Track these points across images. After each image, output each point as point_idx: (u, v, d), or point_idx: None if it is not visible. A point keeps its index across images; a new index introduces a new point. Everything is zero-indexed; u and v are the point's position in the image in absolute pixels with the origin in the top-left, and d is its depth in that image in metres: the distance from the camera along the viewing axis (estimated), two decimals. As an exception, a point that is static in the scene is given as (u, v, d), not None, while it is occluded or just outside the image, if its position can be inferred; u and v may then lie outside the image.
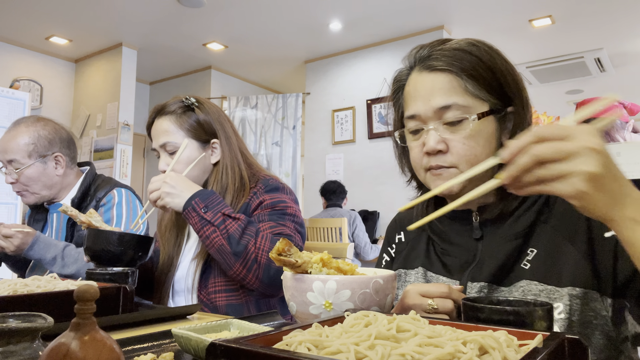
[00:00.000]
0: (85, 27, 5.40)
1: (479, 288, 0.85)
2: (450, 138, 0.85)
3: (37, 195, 1.76)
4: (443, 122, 0.85)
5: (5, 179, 1.75)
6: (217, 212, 1.25)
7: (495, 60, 0.86)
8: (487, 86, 0.85)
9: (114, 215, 1.72)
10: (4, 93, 3.76)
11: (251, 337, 0.47)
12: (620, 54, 5.66)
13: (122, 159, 5.68)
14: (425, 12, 4.93)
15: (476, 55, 0.86)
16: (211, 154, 1.43)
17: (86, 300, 0.42)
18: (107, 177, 1.87)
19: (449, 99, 0.84)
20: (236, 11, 4.97)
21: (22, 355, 0.48)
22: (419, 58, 0.91)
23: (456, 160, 0.85)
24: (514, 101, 0.87)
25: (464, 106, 0.84)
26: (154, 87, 7.27)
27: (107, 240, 1.27)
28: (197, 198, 1.26)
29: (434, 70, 0.87)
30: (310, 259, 0.77)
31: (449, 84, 0.85)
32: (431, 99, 0.86)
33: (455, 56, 0.86)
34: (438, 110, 0.85)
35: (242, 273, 1.23)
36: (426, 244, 0.99)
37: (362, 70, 5.77)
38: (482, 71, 0.85)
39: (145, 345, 0.77)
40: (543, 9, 4.74)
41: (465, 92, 0.84)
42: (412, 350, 0.42)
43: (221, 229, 1.22)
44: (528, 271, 0.82)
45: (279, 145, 6.09)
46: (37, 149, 1.74)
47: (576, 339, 0.48)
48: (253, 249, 1.22)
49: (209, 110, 1.45)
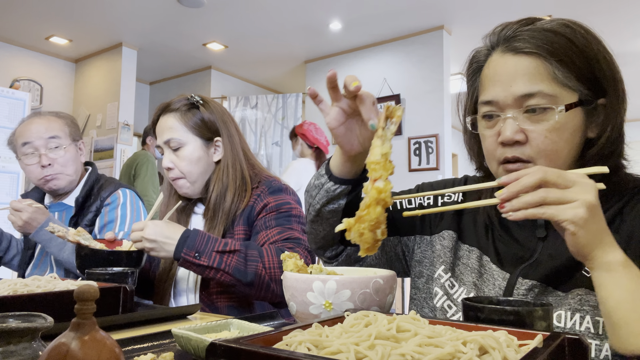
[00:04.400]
0: (85, 27, 5.40)
1: (530, 286, 0.80)
2: (531, 129, 0.77)
3: (69, 178, 1.76)
4: (524, 111, 0.77)
5: (42, 161, 1.69)
6: (211, 252, 1.20)
7: (592, 45, 0.78)
8: (578, 74, 0.77)
9: (118, 216, 1.73)
10: (4, 93, 3.76)
11: (251, 337, 0.47)
12: (620, 54, 5.59)
13: (122, 159, 5.68)
14: (425, 12, 4.93)
15: (569, 38, 0.77)
16: (214, 152, 1.44)
17: (86, 300, 0.42)
18: (110, 177, 1.88)
19: (534, 86, 0.76)
20: (236, 11, 4.97)
21: (22, 355, 0.48)
22: (503, 38, 0.82)
23: (535, 153, 0.77)
24: (607, 93, 0.78)
25: (550, 95, 0.76)
26: (154, 87, 7.27)
27: (96, 258, 1.28)
28: (185, 248, 1.19)
29: (519, 52, 0.78)
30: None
31: (535, 70, 0.77)
32: (513, 84, 0.77)
33: (545, 38, 0.77)
34: (519, 97, 0.77)
35: (260, 295, 1.24)
36: (484, 224, 0.91)
37: (362, 70, 5.77)
38: (574, 57, 0.76)
39: (145, 345, 0.77)
40: (543, 9, 4.74)
41: (553, 80, 0.76)
42: (412, 350, 0.42)
43: (222, 267, 1.19)
44: (589, 279, 0.75)
45: (279, 145, 6.09)
46: (72, 133, 1.79)
47: (576, 339, 0.48)
48: (264, 272, 1.21)
49: (213, 109, 1.46)
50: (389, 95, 5.46)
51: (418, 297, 0.97)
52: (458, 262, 0.91)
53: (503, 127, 0.78)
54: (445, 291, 0.90)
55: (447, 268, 0.91)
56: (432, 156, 5.15)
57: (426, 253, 0.97)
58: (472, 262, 0.89)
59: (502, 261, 0.86)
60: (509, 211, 0.64)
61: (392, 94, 5.44)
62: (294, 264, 0.82)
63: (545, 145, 0.76)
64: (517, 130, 0.77)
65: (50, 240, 1.58)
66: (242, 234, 1.36)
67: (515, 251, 0.85)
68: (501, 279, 0.84)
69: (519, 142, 0.77)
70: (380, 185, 0.68)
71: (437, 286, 0.91)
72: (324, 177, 0.90)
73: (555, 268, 0.79)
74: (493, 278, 0.85)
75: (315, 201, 0.91)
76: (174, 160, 1.39)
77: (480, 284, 0.86)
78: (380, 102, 5.46)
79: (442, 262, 0.92)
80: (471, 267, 0.89)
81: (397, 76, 5.49)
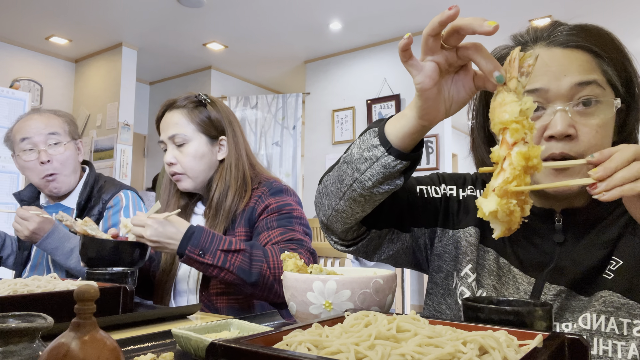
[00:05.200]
0: (85, 27, 5.40)
1: (558, 292, 0.78)
2: (582, 122, 0.73)
3: (68, 178, 1.73)
4: (575, 103, 0.73)
5: (41, 157, 1.66)
6: (215, 251, 1.18)
7: (625, 51, 0.77)
8: (620, 73, 0.76)
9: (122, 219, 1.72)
10: (4, 93, 3.76)
11: (251, 337, 0.47)
12: (620, 54, 5.66)
13: (122, 159, 5.68)
14: (425, 12, 4.93)
15: (613, 37, 0.76)
16: (218, 151, 1.45)
17: (86, 300, 0.42)
18: (109, 178, 1.86)
19: (589, 76, 0.73)
20: (236, 11, 4.97)
21: (22, 355, 0.48)
22: (542, 35, 0.78)
23: (585, 149, 0.73)
24: (630, 98, 0.78)
25: (603, 88, 0.73)
26: (154, 87, 7.27)
27: (102, 248, 1.27)
28: (190, 245, 1.17)
29: (568, 46, 0.75)
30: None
31: (587, 63, 0.74)
32: (567, 73, 0.73)
33: (592, 33, 0.75)
34: (574, 86, 0.73)
35: (263, 295, 1.23)
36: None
37: (362, 70, 5.77)
38: (618, 56, 0.76)
39: (145, 345, 0.77)
40: (543, 9, 4.74)
41: (603, 74, 0.74)
42: (412, 350, 0.42)
43: (227, 266, 1.18)
44: (610, 281, 0.76)
45: (279, 145, 6.09)
46: (71, 131, 1.77)
47: (576, 339, 0.48)
48: (268, 272, 1.20)
49: (220, 108, 1.47)
50: (389, 95, 5.46)
51: (435, 293, 0.93)
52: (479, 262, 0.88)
53: (554, 120, 0.73)
54: (472, 292, 0.85)
55: (474, 268, 0.86)
56: (432, 156, 5.15)
57: (447, 247, 0.91)
58: (489, 263, 0.86)
59: (524, 265, 0.83)
60: (602, 191, 0.58)
61: (392, 94, 5.44)
62: (294, 264, 0.82)
63: (596, 141, 0.73)
64: (570, 124, 0.73)
65: (57, 249, 1.55)
66: (244, 236, 1.36)
67: (534, 256, 0.83)
68: (526, 284, 0.81)
69: (569, 137, 0.73)
70: (524, 150, 0.58)
71: (463, 285, 0.86)
72: (379, 148, 0.72)
73: (580, 273, 0.78)
74: (516, 282, 0.83)
75: (364, 177, 0.74)
76: (177, 156, 1.40)
77: (500, 287, 0.84)
78: (381, 102, 5.47)
79: (469, 260, 0.87)
80: (489, 268, 0.86)
81: (397, 76, 5.49)
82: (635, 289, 0.74)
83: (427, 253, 0.97)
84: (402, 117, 0.71)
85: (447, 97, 0.68)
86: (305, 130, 6.21)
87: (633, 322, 0.73)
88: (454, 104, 0.69)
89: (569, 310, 0.78)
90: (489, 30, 0.59)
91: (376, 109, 5.52)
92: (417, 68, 0.64)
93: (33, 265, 1.78)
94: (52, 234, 1.53)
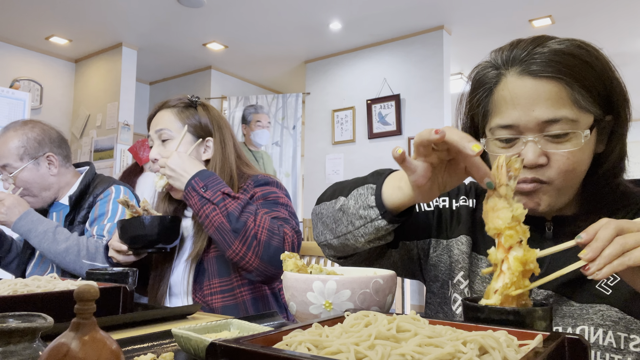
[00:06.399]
0: (85, 27, 5.40)
1: (546, 296, 0.81)
2: (553, 152, 0.77)
3: (38, 197, 1.76)
4: (545, 134, 0.76)
5: (3, 185, 1.76)
6: (217, 190, 1.26)
7: (606, 68, 0.78)
8: (596, 97, 0.77)
9: (109, 209, 1.74)
10: (4, 93, 3.76)
11: (251, 337, 0.47)
12: (620, 54, 5.65)
13: (122, 159, 5.68)
14: (425, 12, 4.93)
15: (587, 61, 0.76)
16: (204, 152, 1.45)
17: (86, 300, 0.42)
18: (106, 176, 1.89)
19: (557, 112, 0.75)
20: (236, 11, 4.97)
21: (22, 355, 0.48)
22: (518, 59, 0.79)
23: (555, 175, 0.77)
24: (615, 111, 0.80)
25: (573, 120, 0.75)
26: (154, 87, 7.27)
27: (139, 226, 1.29)
28: (197, 177, 1.28)
29: (539, 76, 0.76)
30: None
31: (557, 95, 0.75)
32: (535, 109, 0.76)
33: (565, 62, 0.76)
34: (542, 122, 0.76)
35: (241, 251, 1.22)
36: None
37: (362, 70, 5.77)
38: (593, 80, 0.76)
39: (145, 345, 0.77)
40: (543, 9, 4.74)
41: (574, 104, 0.76)
42: (412, 350, 0.42)
43: (220, 206, 1.24)
44: (610, 297, 0.77)
45: (279, 145, 6.09)
46: (27, 151, 1.73)
47: (576, 339, 0.48)
48: (252, 225, 1.23)
49: (210, 112, 1.48)
50: (389, 95, 5.46)
51: (433, 302, 0.95)
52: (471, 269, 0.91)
53: (524, 150, 0.77)
54: (465, 298, 0.87)
55: (466, 274, 0.89)
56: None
57: (442, 257, 0.95)
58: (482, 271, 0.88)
59: None
60: (594, 272, 0.60)
61: (392, 94, 5.44)
62: (294, 264, 0.82)
63: (566, 166, 0.77)
64: (540, 154, 0.76)
65: (30, 231, 1.60)
66: None
67: None
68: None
69: (541, 165, 0.77)
70: (520, 255, 0.62)
71: (456, 292, 0.89)
72: (374, 210, 0.79)
73: (568, 278, 0.78)
74: None
75: (358, 233, 0.82)
76: (161, 152, 1.40)
77: None
78: (380, 102, 5.47)
79: (461, 267, 0.90)
80: (481, 276, 0.88)
81: (397, 76, 5.50)
82: (633, 304, 0.75)
83: (421, 264, 0.99)
84: (399, 189, 0.77)
85: (441, 182, 0.74)
86: (305, 130, 6.21)
87: (630, 337, 0.74)
88: (447, 186, 0.75)
89: (559, 315, 0.79)
90: (472, 155, 0.63)
91: (376, 109, 5.52)
92: (411, 170, 0.70)
93: (36, 263, 1.79)
94: (25, 217, 1.59)
